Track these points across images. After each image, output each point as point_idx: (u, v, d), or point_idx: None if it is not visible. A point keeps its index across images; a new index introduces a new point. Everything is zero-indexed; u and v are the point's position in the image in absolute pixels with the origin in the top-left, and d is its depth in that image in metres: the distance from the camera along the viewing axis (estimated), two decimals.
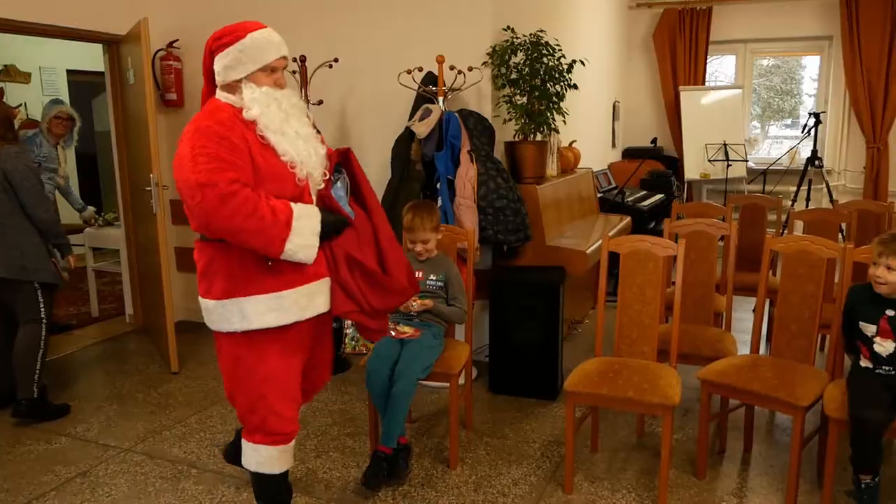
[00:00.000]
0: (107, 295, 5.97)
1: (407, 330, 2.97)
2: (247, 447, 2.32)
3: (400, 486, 2.85)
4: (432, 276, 3.07)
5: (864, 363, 2.54)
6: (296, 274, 2.16)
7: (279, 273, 2.14)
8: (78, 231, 5.44)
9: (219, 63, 2.13)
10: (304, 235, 2.08)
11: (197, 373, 4.17)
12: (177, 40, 4.74)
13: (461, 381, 3.15)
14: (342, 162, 2.34)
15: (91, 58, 6.53)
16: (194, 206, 1.98)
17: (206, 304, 2.19)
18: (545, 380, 3.66)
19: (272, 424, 2.25)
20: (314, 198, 2.22)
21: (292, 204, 2.10)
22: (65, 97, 7.13)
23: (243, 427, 2.34)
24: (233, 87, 2.15)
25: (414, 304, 2.95)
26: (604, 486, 2.86)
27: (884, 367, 2.48)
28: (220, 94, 2.17)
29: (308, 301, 2.20)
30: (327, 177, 2.25)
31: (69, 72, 7.48)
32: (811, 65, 7.63)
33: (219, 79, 2.15)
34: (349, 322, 4.39)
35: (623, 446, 3.19)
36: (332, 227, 2.18)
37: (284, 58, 2.19)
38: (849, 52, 6.91)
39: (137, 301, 5.08)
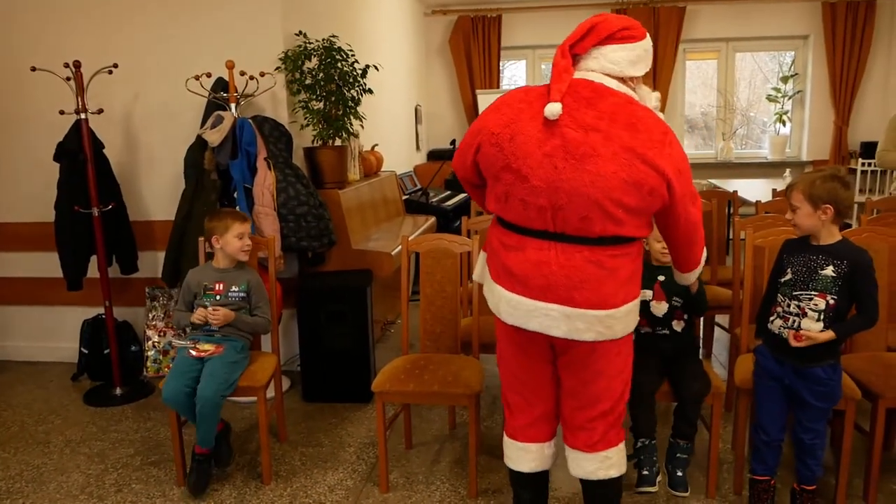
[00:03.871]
0: None
1: (208, 347, 2.84)
2: (608, 456, 2.20)
3: None
4: (234, 288, 2.97)
5: (644, 329, 2.77)
6: None
7: None
8: None
9: (622, 52, 2.03)
10: None
11: None
12: None
13: (270, 393, 3.08)
14: None
15: None
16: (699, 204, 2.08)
17: (623, 310, 2.04)
18: (358, 383, 3.67)
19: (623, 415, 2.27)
20: None
21: None
22: None
23: (602, 439, 2.19)
24: (623, 83, 2.05)
25: (213, 316, 2.85)
26: (419, 480, 2.93)
27: (659, 329, 2.74)
28: (618, 86, 2.01)
29: None
30: None
31: None
32: None
33: (615, 67, 2.03)
34: (150, 343, 4.13)
35: (436, 440, 3.29)
36: None
37: None
38: None
39: None
